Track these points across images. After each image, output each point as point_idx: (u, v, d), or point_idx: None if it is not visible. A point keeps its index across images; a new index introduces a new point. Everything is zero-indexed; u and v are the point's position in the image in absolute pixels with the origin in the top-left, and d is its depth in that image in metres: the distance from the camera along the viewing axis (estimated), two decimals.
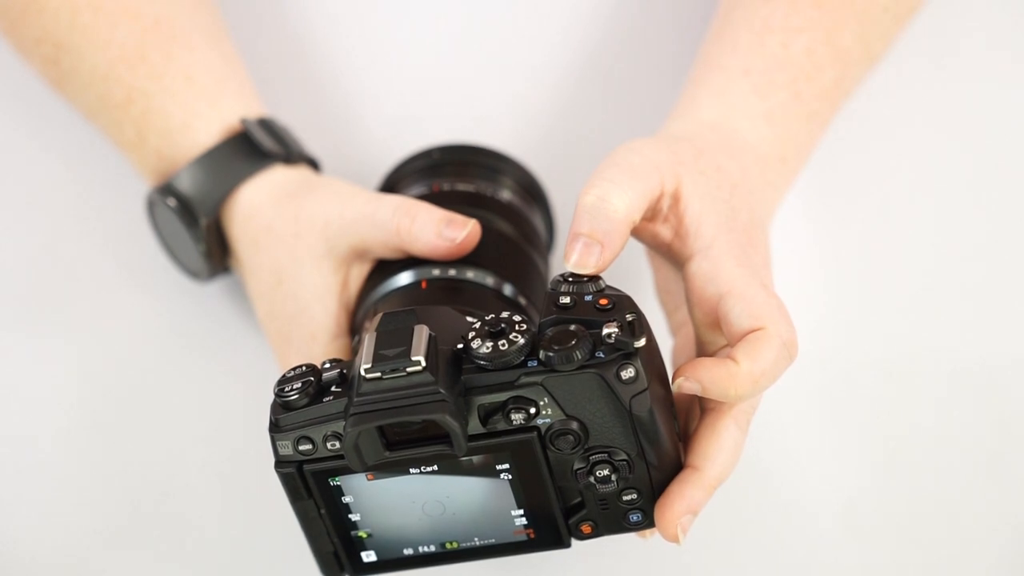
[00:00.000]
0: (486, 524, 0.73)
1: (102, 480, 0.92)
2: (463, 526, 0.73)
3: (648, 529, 0.73)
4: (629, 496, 0.72)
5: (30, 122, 1.00)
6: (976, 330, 0.95)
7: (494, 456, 0.71)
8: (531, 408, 0.69)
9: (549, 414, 0.69)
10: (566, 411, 0.69)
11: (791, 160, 0.86)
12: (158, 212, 0.91)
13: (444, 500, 0.72)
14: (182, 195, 0.89)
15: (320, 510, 0.73)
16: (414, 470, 0.71)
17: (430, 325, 0.70)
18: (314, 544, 0.74)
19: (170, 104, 0.90)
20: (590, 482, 0.71)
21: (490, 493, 0.72)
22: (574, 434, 0.69)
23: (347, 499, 0.72)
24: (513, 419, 0.69)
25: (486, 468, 0.71)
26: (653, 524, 0.73)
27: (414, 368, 0.68)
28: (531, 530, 0.73)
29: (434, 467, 0.71)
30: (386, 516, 0.73)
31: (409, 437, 0.70)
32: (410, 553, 0.74)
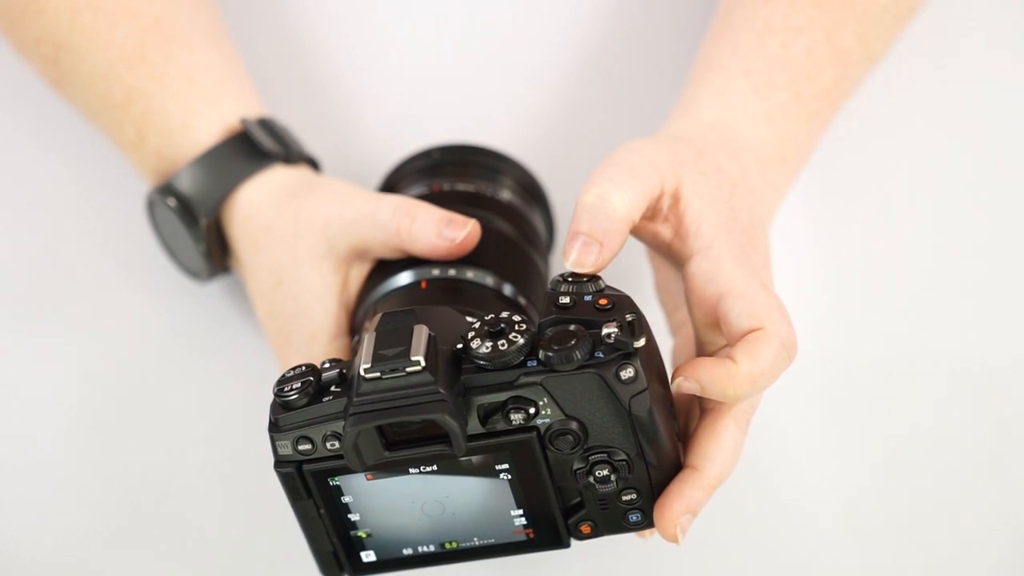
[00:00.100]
0: (485, 524, 0.73)
1: (102, 480, 0.92)
2: (462, 526, 0.73)
3: (647, 529, 0.73)
4: (628, 496, 0.72)
5: (30, 122, 1.00)
6: (976, 330, 0.95)
7: (493, 456, 0.70)
8: (530, 408, 0.69)
9: (548, 414, 0.69)
10: (565, 411, 0.69)
11: (791, 160, 0.86)
12: (158, 212, 0.91)
13: (443, 500, 0.72)
14: (182, 195, 0.89)
15: (319, 510, 0.73)
16: (413, 470, 0.71)
17: (430, 325, 0.70)
18: (313, 544, 0.74)
19: (170, 104, 0.90)
20: (589, 482, 0.71)
21: (489, 493, 0.72)
22: (573, 434, 0.69)
23: (346, 499, 0.72)
24: (512, 419, 0.69)
25: (485, 468, 0.71)
26: (652, 524, 0.73)
27: (413, 368, 0.68)
28: (530, 530, 0.73)
29: (433, 467, 0.71)
30: (385, 516, 0.73)
31: (408, 437, 0.70)
32: (409, 553, 0.74)
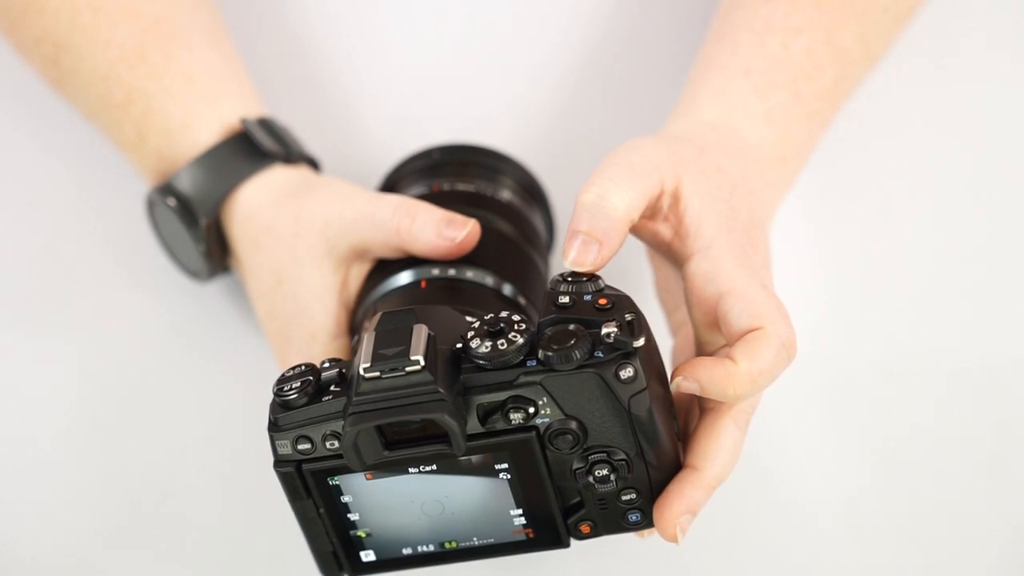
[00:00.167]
0: (485, 524, 0.73)
1: (102, 480, 0.92)
2: (462, 526, 0.73)
3: (647, 529, 0.73)
4: (628, 496, 0.72)
5: (30, 122, 1.00)
6: (976, 330, 0.95)
7: (493, 456, 0.70)
8: (530, 408, 0.69)
9: (548, 414, 0.69)
10: (565, 411, 0.69)
11: (791, 160, 0.86)
12: (158, 212, 0.91)
13: (443, 500, 0.72)
14: (182, 195, 0.89)
15: (319, 509, 0.73)
16: (413, 469, 0.71)
17: (429, 325, 0.70)
18: (313, 544, 0.74)
19: (170, 104, 0.90)
20: (589, 482, 0.71)
21: (489, 493, 0.72)
22: (573, 434, 0.69)
23: (346, 498, 0.72)
24: (512, 419, 0.69)
25: (485, 468, 0.71)
26: (652, 524, 0.73)
27: (413, 367, 0.68)
28: (530, 530, 0.73)
29: (433, 467, 0.71)
30: (385, 516, 0.73)
31: (408, 436, 0.70)
32: (409, 553, 0.74)
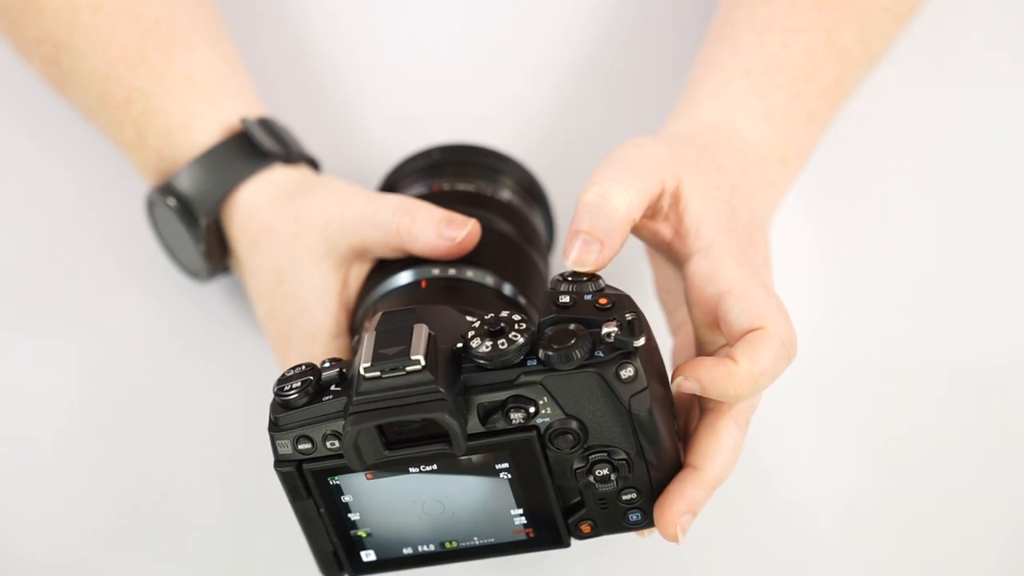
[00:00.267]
0: (485, 523, 0.73)
1: (102, 480, 0.92)
2: (462, 525, 0.73)
3: (647, 528, 0.73)
4: (628, 495, 0.72)
5: (30, 122, 1.00)
6: (976, 330, 0.95)
7: (493, 455, 0.70)
8: (530, 407, 0.69)
9: (548, 413, 0.69)
10: (565, 410, 0.69)
11: (791, 160, 0.86)
12: (158, 212, 0.91)
13: (443, 499, 0.72)
14: (182, 195, 0.89)
15: (319, 509, 0.73)
16: (413, 469, 0.71)
17: (430, 324, 0.70)
18: (313, 544, 0.74)
19: (170, 104, 0.90)
20: (589, 481, 0.71)
21: (489, 492, 0.72)
22: (573, 433, 0.69)
23: (346, 498, 0.72)
24: (512, 418, 0.69)
25: (485, 467, 0.71)
26: (653, 523, 0.73)
27: (413, 367, 0.68)
28: (530, 529, 0.73)
29: (433, 466, 0.71)
30: (385, 515, 0.73)
31: (408, 436, 0.70)
32: (409, 552, 0.74)
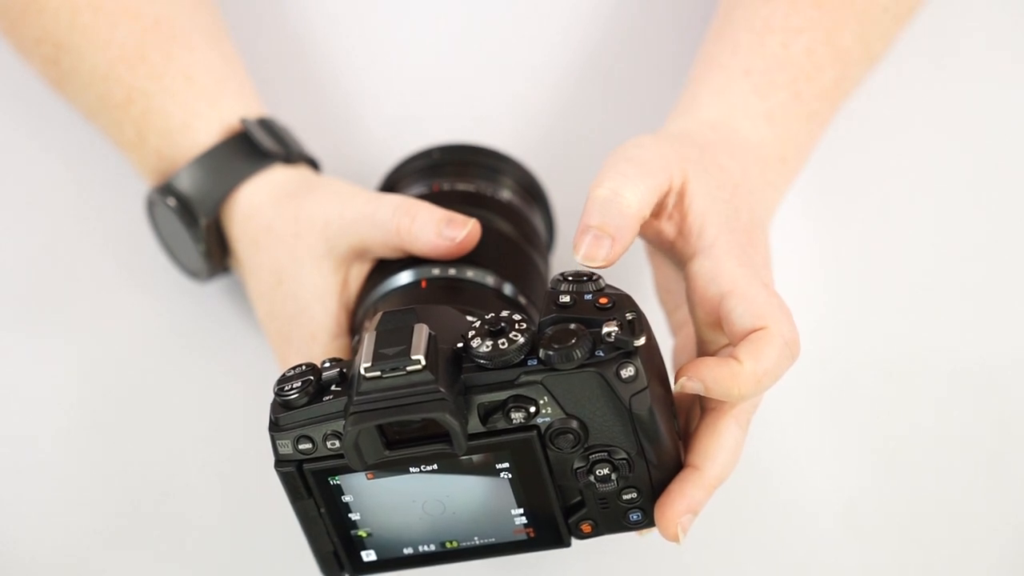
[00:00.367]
0: (486, 523, 0.73)
1: (102, 480, 0.92)
2: (463, 525, 0.73)
3: (647, 528, 0.73)
4: (629, 495, 0.72)
5: (30, 122, 1.00)
6: (976, 330, 0.95)
7: (494, 455, 0.70)
8: (531, 407, 0.69)
9: (549, 413, 0.69)
10: (566, 410, 0.69)
11: (791, 160, 0.86)
12: (158, 212, 0.91)
13: (444, 499, 0.72)
14: (182, 195, 0.89)
15: (320, 509, 0.73)
16: (414, 469, 0.71)
17: (430, 324, 0.70)
18: (314, 544, 0.74)
19: (170, 104, 0.90)
20: (590, 481, 0.71)
21: (490, 492, 0.72)
22: (574, 433, 0.69)
23: (347, 498, 0.72)
24: (513, 418, 0.69)
25: (486, 467, 0.71)
26: (653, 523, 0.73)
27: (414, 367, 0.68)
28: (531, 529, 0.73)
29: (434, 466, 0.71)
30: (386, 515, 0.73)
31: (409, 436, 0.70)
32: (410, 552, 0.74)
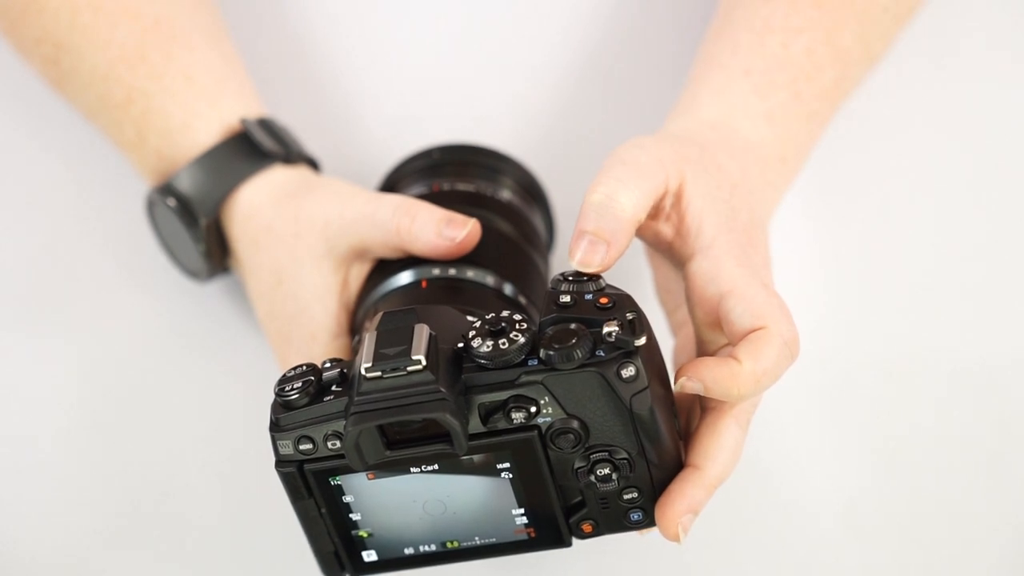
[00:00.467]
0: (487, 523, 0.73)
1: (102, 480, 0.92)
2: (464, 525, 0.73)
3: (648, 528, 0.73)
4: (630, 495, 0.72)
5: (30, 122, 1.00)
6: (976, 330, 0.95)
7: (495, 455, 0.70)
8: (531, 407, 0.69)
9: (550, 413, 0.69)
10: (567, 410, 0.69)
11: (791, 160, 0.86)
12: (158, 212, 0.91)
13: (445, 499, 0.72)
14: (182, 195, 0.89)
15: (321, 509, 0.73)
16: (415, 469, 0.71)
17: (430, 324, 0.70)
18: (315, 544, 0.74)
19: (170, 104, 0.90)
20: (591, 481, 0.71)
21: (491, 492, 0.72)
22: (575, 433, 0.69)
23: (348, 498, 0.72)
24: (514, 418, 0.69)
25: (487, 467, 0.71)
26: (654, 523, 0.73)
27: (414, 367, 0.68)
28: (532, 529, 0.73)
29: (435, 466, 0.71)
30: (387, 515, 0.73)
31: (410, 436, 0.70)
32: (411, 552, 0.74)
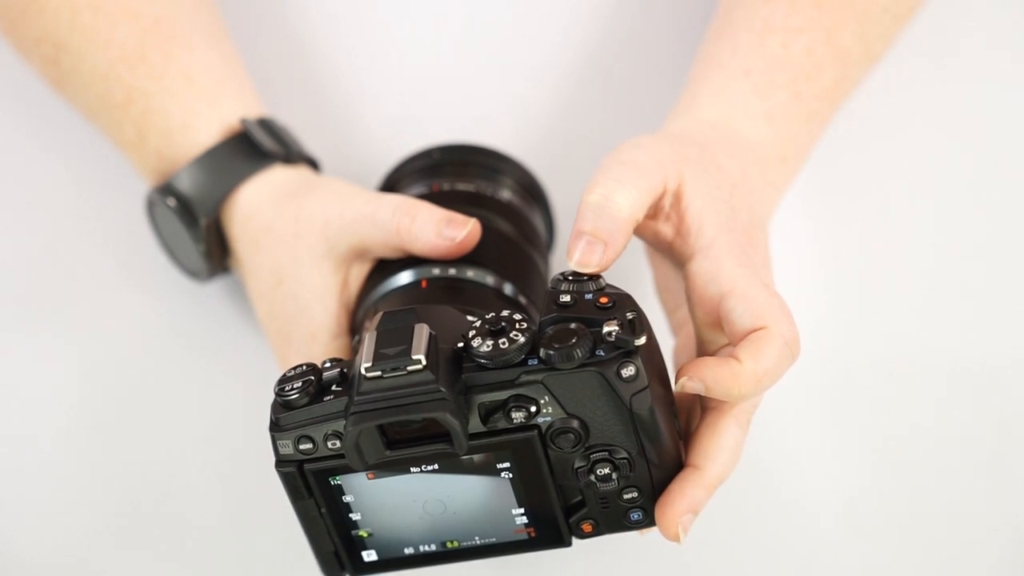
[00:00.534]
0: (487, 523, 0.73)
1: (102, 480, 0.92)
2: (464, 525, 0.73)
3: (648, 527, 0.73)
4: (630, 495, 0.72)
5: (30, 122, 1.00)
6: (976, 330, 0.95)
7: (495, 455, 0.70)
8: (532, 406, 0.69)
9: (550, 412, 0.69)
10: (567, 409, 0.69)
11: (791, 160, 0.86)
12: (158, 212, 0.91)
13: (445, 499, 0.72)
14: (182, 195, 0.89)
15: (321, 509, 0.73)
16: (415, 469, 0.71)
17: (430, 324, 0.70)
18: (315, 544, 0.74)
19: (170, 104, 0.90)
20: (591, 480, 0.71)
21: (491, 492, 0.72)
22: (575, 432, 0.69)
23: (348, 498, 0.72)
24: (514, 417, 0.69)
25: (487, 467, 0.71)
26: (654, 523, 0.73)
27: (415, 367, 0.68)
28: (532, 529, 0.73)
29: (435, 466, 0.71)
30: (387, 515, 0.73)
31: (409, 436, 0.70)
32: (411, 552, 0.74)
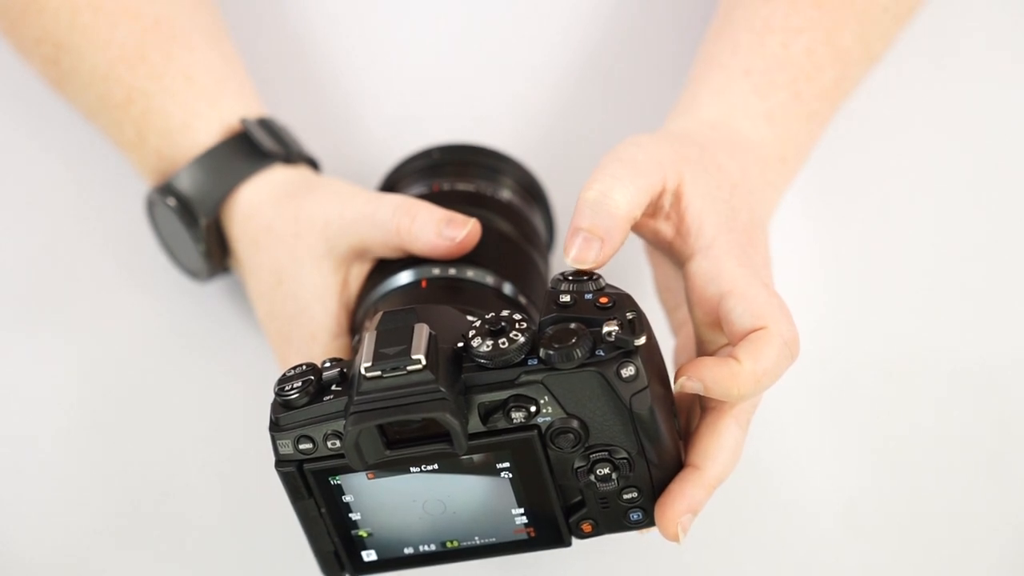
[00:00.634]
0: (487, 523, 0.73)
1: (102, 480, 0.92)
2: (463, 525, 0.73)
3: (648, 527, 0.73)
4: (630, 495, 0.72)
5: (30, 122, 1.00)
6: (976, 330, 0.95)
7: (494, 455, 0.70)
8: (531, 406, 0.69)
9: (549, 412, 0.69)
10: (566, 409, 0.69)
11: (791, 160, 0.86)
12: (158, 212, 0.91)
13: (444, 499, 0.72)
14: (182, 195, 0.89)
15: (320, 509, 0.73)
16: (414, 469, 0.71)
17: (430, 324, 0.70)
18: (314, 544, 0.74)
19: (170, 104, 0.90)
20: (590, 480, 0.71)
21: (490, 492, 0.72)
22: (574, 432, 0.69)
23: (347, 498, 0.72)
24: (513, 417, 0.69)
25: (486, 467, 0.71)
26: (654, 523, 0.73)
27: (414, 367, 0.68)
28: (531, 529, 0.73)
29: (434, 466, 0.71)
30: (386, 515, 0.73)
31: (409, 436, 0.70)
32: (411, 552, 0.74)
